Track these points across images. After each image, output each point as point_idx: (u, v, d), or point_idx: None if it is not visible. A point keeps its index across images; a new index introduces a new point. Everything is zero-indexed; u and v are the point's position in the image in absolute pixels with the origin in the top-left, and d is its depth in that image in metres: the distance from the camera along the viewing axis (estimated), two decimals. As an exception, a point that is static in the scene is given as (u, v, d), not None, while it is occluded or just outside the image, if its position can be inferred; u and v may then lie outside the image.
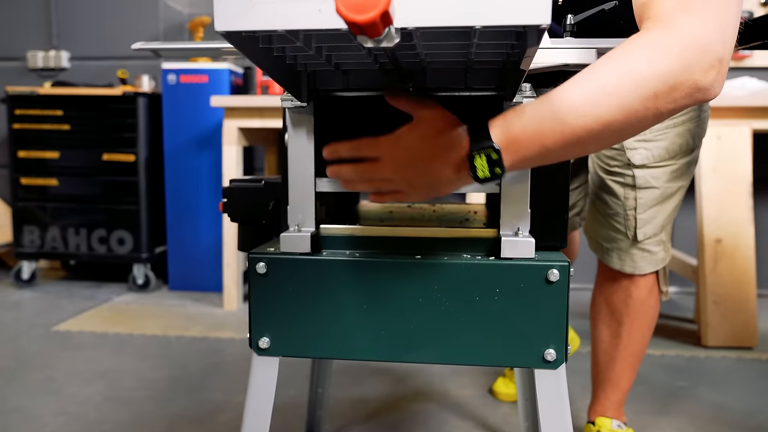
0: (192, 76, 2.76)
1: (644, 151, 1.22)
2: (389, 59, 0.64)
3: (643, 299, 1.31)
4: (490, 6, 0.48)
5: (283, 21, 0.51)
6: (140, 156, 2.75)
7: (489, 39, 0.62)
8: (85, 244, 2.81)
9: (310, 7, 0.50)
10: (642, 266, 1.27)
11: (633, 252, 1.27)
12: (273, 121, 2.50)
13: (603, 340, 1.38)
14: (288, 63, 0.75)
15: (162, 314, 2.53)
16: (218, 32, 0.54)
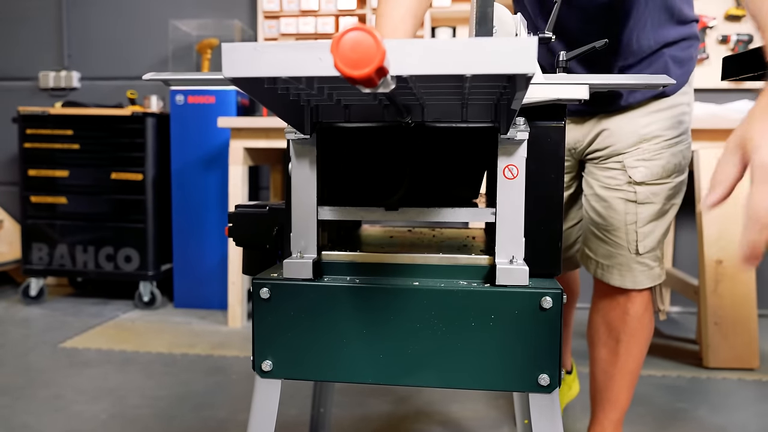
0: (199, 96, 2.81)
1: (644, 170, 1.28)
2: (387, 98, 0.67)
3: (640, 316, 1.35)
4: (480, 55, 0.52)
5: (286, 68, 0.55)
6: (148, 175, 2.80)
7: (482, 81, 0.65)
8: (92, 261, 2.85)
9: (311, 56, 0.54)
10: (641, 280, 1.31)
11: (633, 266, 1.31)
12: (278, 142, 2.54)
13: (601, 358, 1.41)
14: (291, 99, 0.79)
15: (167, 331, 2.56)
16: (226, 78, 0.57)
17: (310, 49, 0.54)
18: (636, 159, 1.27)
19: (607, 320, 1.38)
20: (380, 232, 1.19)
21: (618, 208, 1.31)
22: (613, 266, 1.33)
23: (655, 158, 1.27)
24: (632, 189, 1.29)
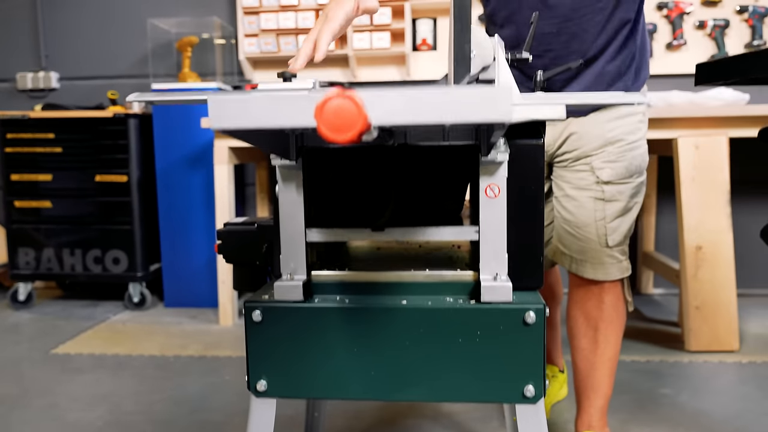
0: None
1: (610, 170, 1.39)
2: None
3: (615, 304, 1.45)
4: (458, 106, 0.54)
5: (272, 120, 0.56)
6: (132, 176, 2.79)
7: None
8: (80, 264, 2.85)
9: (296, 107, 0.56)
10: (612, 272, 1.42)
11: (605, 259, 1.41)
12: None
13: (582, 348, 1.49)
14: (276, 130, 0.80)
15: (159, 332, 2.57)
16: (212, 129, 0.59)
17: (296, 101, 0.56)
18: (602, 161, 1.39)
19: (584, 311, 1.47)
20: (368, 243, 1.22)
21: (588, 206, 1.41)
22: (586, 260, 1.43)
23: (619, 160, 1.39)
24: (600, 188, 1.39)
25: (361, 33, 2.89)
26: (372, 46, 2.89)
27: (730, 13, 2.89)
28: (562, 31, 1.32)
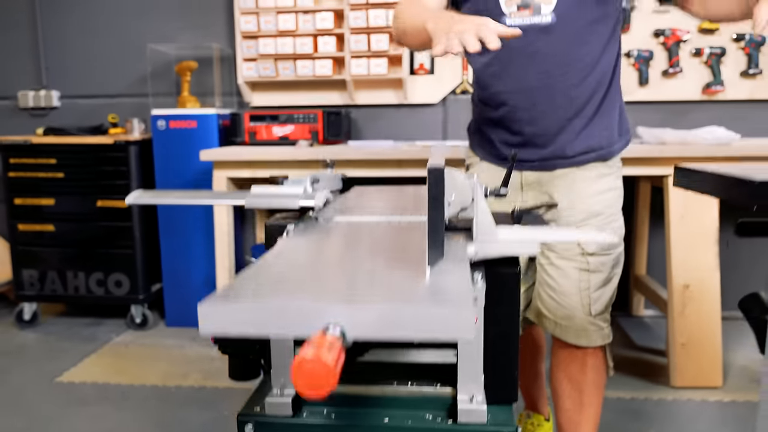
0: (181, 121, 2.84)
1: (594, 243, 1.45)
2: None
3: (597, 367, 1.51)
4: (424, 325, 0.59)
5: (259, 329, 0.62)
6: (134, 202, 2.83)
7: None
8: (83, 286, 2.92)
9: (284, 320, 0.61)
10: (595, 339, 1.47)
11: (588, 327, 1.47)
12: (261, 171, 2.59)
13: (567, 408, 1.54)
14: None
15: (161, 357, 2.65)
16: (202, 334, 0.64)
17: (283, 313, 0.61)
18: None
19: (568, 374, 1.53)
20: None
21: (573, 276, 1.45)
22: (570, 326, 1.48)
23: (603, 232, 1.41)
24: (585, 259, 1.44)
25: (359, 59, 2.91)
26: (369, 72, 2.91)
27: (726, 41, 2.90)
28: (548, 86, 1.37)
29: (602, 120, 1.44)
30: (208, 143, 2.83)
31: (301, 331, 0.60)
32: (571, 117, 1.41)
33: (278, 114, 2.78)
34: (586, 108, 1.41)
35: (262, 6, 2.92)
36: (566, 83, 1.38)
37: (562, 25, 1.35)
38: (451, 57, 1.15)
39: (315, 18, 2.90)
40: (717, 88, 2.90)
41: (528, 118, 1.41)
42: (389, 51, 2.90)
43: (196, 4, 3.15)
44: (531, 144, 1.43)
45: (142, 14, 3.20)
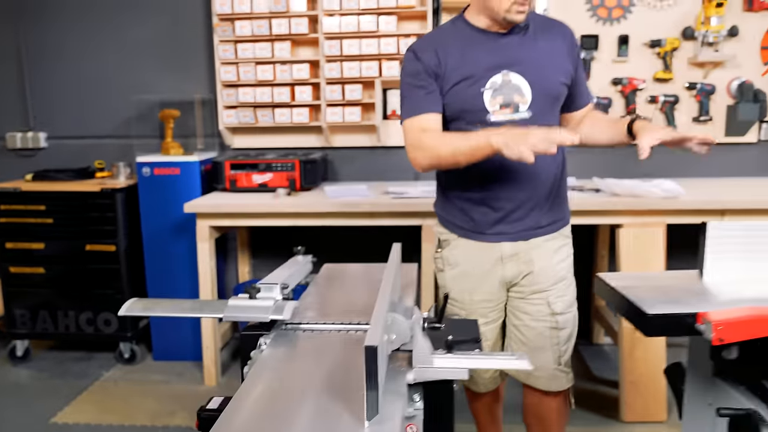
0: (165, 168, 2.98)
1: (561, 303, 1.72)
2: None
3: (563, 406, 1.82)
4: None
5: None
6: (120, 246, 2.99)
7: None
8: (74, 324, 3.06)
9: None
10: (563, 383, 1.77)
11: (557, 374, 1.75)
12: (242, 221, 2.76)
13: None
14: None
15: (149, 393, 2.81)
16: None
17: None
18: (555, 296, 1.71)
19: (538, 415, 1.84)
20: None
21: (545, 334, 1.72)
22: (542, 376, 1.75)
23: (566, 294, 1.73)
24: (554, 318, 1.71)
25: (334, 107, 3.07)
26: (344, 119, 3.07)
27: (679, 89, 3.09)
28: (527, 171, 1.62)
29: (561, 195, 1.73)
30: (191, 189, 2.98)
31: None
32: (544, 195, 1.68)
33: (257, 163, 2.94)
34: (552, 187, 1.69)
35: (241, 57, 3.07)
36: (541, 168, 1.63)
37: (536, 120, 1.59)
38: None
39: (292, 68, 3.05)
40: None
41: (509, 197, 1.65)
42: (362, 99, 3.06)
43: (179, 53, 3.28)
44: (510, 219, 1.67)
45: (127, 61, 3.32)
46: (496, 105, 1.60)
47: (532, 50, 1.62)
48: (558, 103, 1.68)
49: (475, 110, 1.60)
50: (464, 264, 1.74)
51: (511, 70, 1.60)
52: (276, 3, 2.98)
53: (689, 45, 3.05)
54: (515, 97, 1.60)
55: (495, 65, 1.60)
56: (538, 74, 1.62)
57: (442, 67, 1.61)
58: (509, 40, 1.62)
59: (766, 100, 3.03)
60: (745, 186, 2.89)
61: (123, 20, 3.30)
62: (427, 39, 1.71)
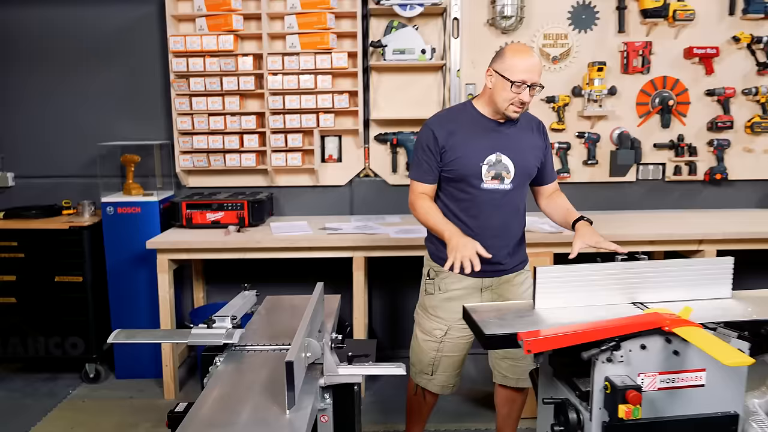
0: (127, 207, 3.38)
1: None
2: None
3: (525, 398, 2.47)
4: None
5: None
6: (86, 277, 3.35)
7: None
8: (43, 348, 3.40)
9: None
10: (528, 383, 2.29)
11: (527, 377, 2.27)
12: (198, 255, 3.18)
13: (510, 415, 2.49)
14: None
15: (114, 408, 3.18)
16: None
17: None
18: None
19: (509, 407, 2.49)
20: None
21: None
22: (520, 379, 2.36)
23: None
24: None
25: (278, 153, 3.54)
26: (287, 164, 3.54)
27: (571, 137, 3.69)
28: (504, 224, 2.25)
29: (522, 242, 2.36)
30: (151, 225, 3.38)
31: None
32: (513, 243, 2.28)
33: (210, 203, 3.36)
34: (518, 237, 2.31)
35: (195, 109, 3.50)
36: (513, 222, 2.27)
37: (515, 190, 2.23)
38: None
39: (241, 120, 3.50)
40: (565, 174, 3.69)
41: (489, 244, 2.11)
42: (303, 146, 3.54)
43: (139, 103, 3.68)
44: (489, 260, 2.13)
45: (91, 107, 3.69)
46: (489, 176, 2.20)
47: (518, 140, 2.24)
48: (530, 178, 2.31)
49: (474, 178, 2.19)
50: (451, 291, 2.30)
51: (503, 153, 2.20)
52: (226, 63, 3.43)
53: (578, 101, 3.66)
54: (503, 173, 2.20)
55: (492, 147, 2.20)
56: (521, 159, 2.23)
57: (449, 142, 2.19)
58: (504, 129, 2.23)
59: (641, 147, 3.67)
60: (623, 219, 3.50)
61: (88, 70, 3.67)
62: (441, 117, 2.30)
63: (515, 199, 2.26)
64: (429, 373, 2.38)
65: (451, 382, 2.41)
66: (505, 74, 2.09)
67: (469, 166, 2.19)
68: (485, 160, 2.19)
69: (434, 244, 2.34)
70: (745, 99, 3.68)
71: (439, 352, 2.35)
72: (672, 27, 3.60)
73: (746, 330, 1.65)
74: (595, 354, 1.57)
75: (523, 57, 2.09)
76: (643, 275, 1.85)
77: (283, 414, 1.36)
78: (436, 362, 2.37)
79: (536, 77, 2.09)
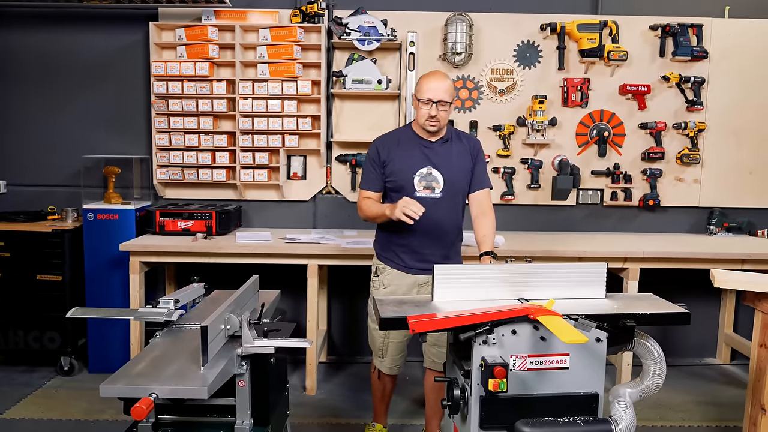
0: (106, 214, 3.71)
1: None
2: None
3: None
4: (190, 393, 1.53)
5: (126, 393, 1.55)
6: (66, 276, 3.67)
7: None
8: (22, 341, 3.70)
9: (134, 389, 1.54)
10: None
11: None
12: (167, 258, 3.50)
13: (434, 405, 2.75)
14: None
15: (83, 397, 3.46)
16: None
17: (133, 390, 1.54)
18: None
19: (437, 387, 2.75)
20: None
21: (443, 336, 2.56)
22: (442, 362, 2.59)
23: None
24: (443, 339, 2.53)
25: (246, 169, 3.88)
26: (255, 179, 3.88)
27: (516, 163, 4.03)
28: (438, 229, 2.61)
29: (457, 247, 2.72)
30: (127, 231, 3.71)
31: (141, 395, 1.53)
32: (447, 246, 2.65)
33: (182, 212, 3.70)
34: (453, 242, 2.68)
35: (173, 128, 3.85)
36: (446, 228, 2.63)
37: (444, 199, 2.60)
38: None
39: (213, 138, 3.85)
40: (509, 197, 4.03)
41: (426, 245, 2.59)
42: (270, 164, 3.88)
43: (122, 120, 4.04)
44: (425, 260, 2.58)
45: (78, 122, 4.05)
46: (420, 187, 2.61)
47: (448, 156, 2.64)
48: (460, 188, 2.67)
49: (409, 187, 2.60)
50: (392, 286, 2.69)
51: (433, 168, 2.61)
52: (202, 87, 3.80)
53: (522, 130, 4.02)
54: (433, 184, 2.61)
55: (424, 162, 2.61)
56: (449, 172, 2.62)
57: (390, 158, 2.61)
58: (436, 146, 2.64)
59: (580, 173, 4.01)
60: (561, 238, 3.82)
61: (78, 89, 4.04)
62: (384, 137, 2.72)
63: (447, 208, 2.62)
64: (381, 356, 2.80)
65: (398, 363, 2.82)
66: (417, 95, 2.56)
67: (404, 178, 2.60)
68: (417, 173, 2.59)
69: (379, 244, 2.74)
70: (676, 132, 4.04)
71: (387, 338, 2.76)
72: (607, 66, 3.97)
73: (606, 322, 1.98)
74: (471, 336, 1.89)
75: (429, 80, 2.55)
76: (528, 276, 2.17)
77: (198, 370, 1.67)
78: (384, 347, 2.77)
79: (441, 95, 2.50)
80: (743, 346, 3.93)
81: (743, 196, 4.10)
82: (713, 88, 4.01)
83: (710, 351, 4.27)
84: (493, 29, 3.94)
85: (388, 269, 2.70)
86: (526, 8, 3.98)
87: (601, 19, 3.87)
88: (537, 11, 3.96)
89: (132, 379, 1.62)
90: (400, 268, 2.68)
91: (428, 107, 2.52)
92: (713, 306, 4.19)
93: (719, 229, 4.04)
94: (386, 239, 2.72)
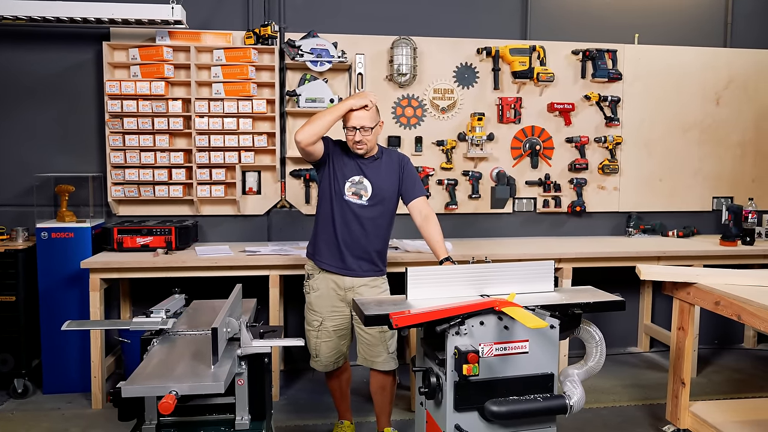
0: (61, 233, 3.70)
1: None
2: None
3: (394, 381, 2.95)
4: (203, 389, 1.69)
5: (147, 393, 1.68)
6: (19, 297, 3.63)
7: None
8: (-27, 364, 3.61)
9: (153, 387, 1.68)
10: (392, 366, 2.90)
11: (389, 360, 2.87)
12: (129, 274, 3.54)
13: (381, 406, 2.98)
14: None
15: (43, 418, 3.43)
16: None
17: (152, 389, 1.68)
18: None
19: (380, 386, 2.93)
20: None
21: (376, 336, 2.82)
22: (379, 361, 2.85)
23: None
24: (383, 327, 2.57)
25: (203, 185, 3.98)
26: (211, 195, 3.99)
27: (458, 175, 4.36)
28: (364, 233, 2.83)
29: (383, 255, 2.93)
30: (83, 249, 3.71)
31: (161, 393, 1.67)
32: (373, 252, 2.87)
33: (141, 228, 3.75)
34: (378, 249, 2.89)
35: (128, 146, 3.90)
36: (371, 235, 2.85)
37: (371, 207, 2.83)
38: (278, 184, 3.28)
39: (170, 155, 3.93)
40: (453, 206, 4.34)
41: (352, 250, 2.83)
42: (226, 179, 4.01)
43: (74, 139, 4.04)
44: (350, 264, 2.82)
45: (28, 140, 4.01)
46: (350, 192, 2.86)
47: (377, 170, 2.90)
48: (389, 197, 2.91)
49: (340, 192, 2.85)
50: (322, 289, 2.91)
51: (364, 178, 2.86)
52: (158, 106, 3.88)
53: (463, 145, 4.35)
54: (361, 191, 2.86)
55: (357, 172, 2.86)
56: (377, 182, 2.87)
57: (333, 156, 2.87)
58: (368, 162, 2.89)
59: (515, 184, 4.39)
60: (500, 243, 4.18)
61: (28, 107, 4.01)
62: (341, 142, 2.93)
63: (373, 216, 2.86)
64: (314, 355, 3.00)
65: (331, 361, 2.98)
66: (344, 124, 2.86)
67: (338, 181, 2.87)
68: (350, 179, 2.88)
69: (313, 246, 2.97)
70: (597, 146, 4.51)
71: (318, 339, 2.96)
72: (537, 86, 4.39)
73: (557, 311, 2.29)
74: (446, 328, 2.14)
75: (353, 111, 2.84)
76: (488, 274, 2.46)
77: (208, 368, 1.83)
78: (317, 347, 2.98)
79: (362, 122, 2.79)
80: (661, 335, 4.42)
81: (655, 201, 4.62)
82: (627, 106, 4.51)
83: (632, 341, 4.76)
84: (434, 52, 4.26)
85: (317, 272, 2.93)
86: (464, 33, 4.33)
87: (531, 44, 4.29)
88: (474, 36, 4.32)
89: (149, 380, 1.75)
90: (330, 268, 2.88)
91: (353, 134, 2.80)
92: (633, 299, 4.67)
93: (636, 231, 4.53)
94: (321, 240, 2.91)
